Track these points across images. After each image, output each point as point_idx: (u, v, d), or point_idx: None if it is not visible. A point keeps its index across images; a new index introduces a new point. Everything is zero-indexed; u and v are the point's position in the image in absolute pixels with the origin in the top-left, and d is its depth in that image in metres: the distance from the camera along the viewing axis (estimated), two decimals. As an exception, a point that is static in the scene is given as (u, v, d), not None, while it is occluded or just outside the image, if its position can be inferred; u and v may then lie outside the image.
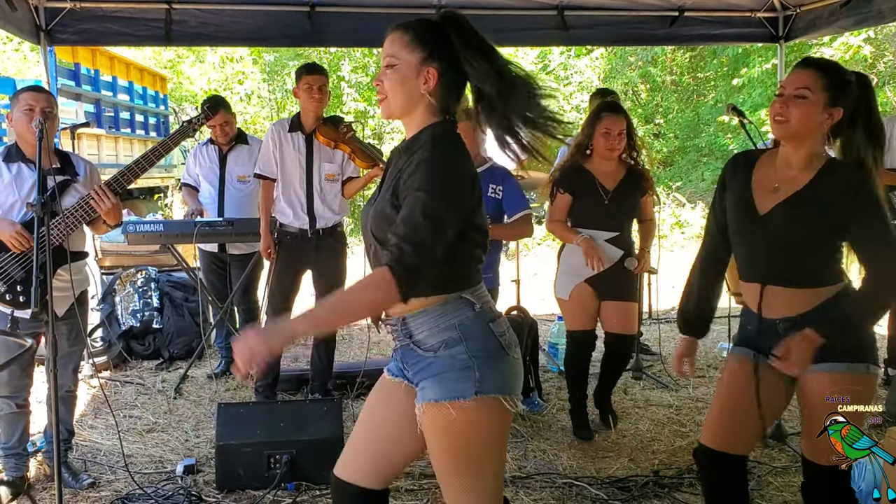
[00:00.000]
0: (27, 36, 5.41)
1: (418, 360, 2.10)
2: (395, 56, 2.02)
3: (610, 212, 4.12)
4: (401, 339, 2.13)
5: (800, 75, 2.38)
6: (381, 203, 2.04)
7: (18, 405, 3.66)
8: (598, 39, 7.52)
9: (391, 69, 2.03)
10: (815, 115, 2.35)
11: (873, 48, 12.47)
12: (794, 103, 2.35)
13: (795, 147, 2.42)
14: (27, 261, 3.44)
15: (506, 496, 2.31)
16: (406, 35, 2.03)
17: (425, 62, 2.02)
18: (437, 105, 2.05)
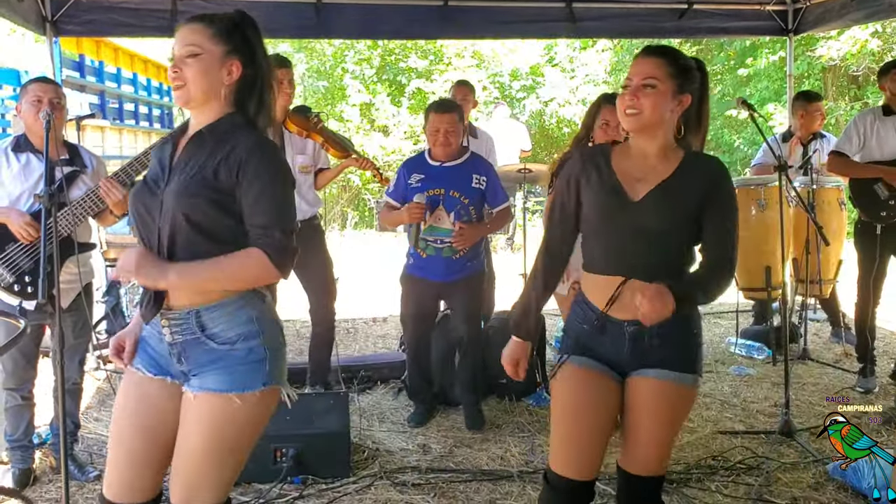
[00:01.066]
0: (33, 27, 5.40)
1: (206, 353, 2.11)
2: (199, 46, 2.08)
3: None
4: (186, 333, 2.11)
5: (644, 65, 2.30)
6: (195, 187, 2.05)
7: (23, 397, 3.66)
8: (607, 32, 7.50)
9: (194, 58, 2.07)
10: (664, 103, 2.28)
11: (881, 42, 12.39)
12: (643, 93, 2.27)
13: (650, 138, 2.33)
14: (35, 251, 3.44)
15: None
16: (210, 28, 2.10)
17: (229, 55, 2.10)
18: (234, 97, 2.14)
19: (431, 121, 4.18)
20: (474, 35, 8.50)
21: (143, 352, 2.23)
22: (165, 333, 2.14)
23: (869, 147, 4.71)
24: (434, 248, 4.22)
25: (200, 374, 2.11)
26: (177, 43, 2.10)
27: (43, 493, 3.64)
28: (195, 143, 2.12)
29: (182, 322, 2.11)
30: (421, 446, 4.18)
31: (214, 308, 2.09)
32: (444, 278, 4.27)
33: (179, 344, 2.13)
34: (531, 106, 15.10)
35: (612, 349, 2.39)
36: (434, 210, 4.17)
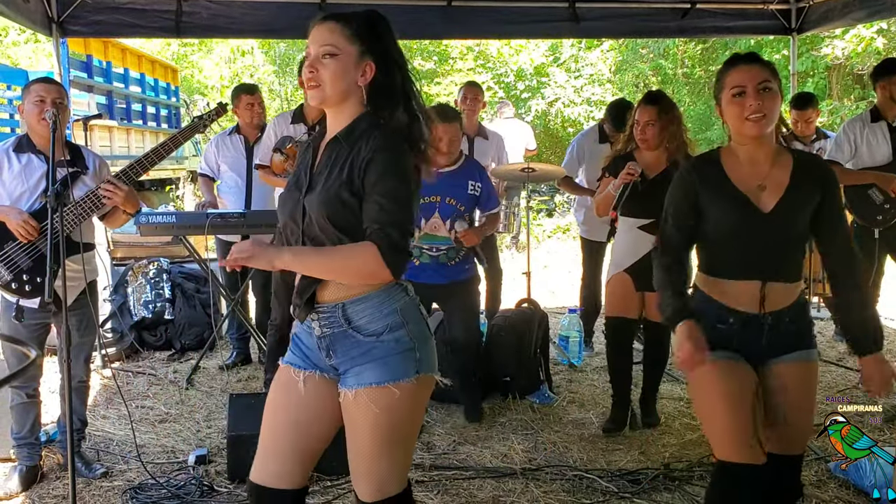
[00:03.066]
0: (39, 28, 5.43)
1: (355, 346, 2.14)
2: (336, 46, 2.08)
3: (643, 198, 4.10)
4: (334, 326, 2.15)
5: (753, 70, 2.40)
6: (335, 190, 2.07)
7: (29, 395, 3.68)
8: (610, 31, 7.51)
9: (332, 58, 2.07)
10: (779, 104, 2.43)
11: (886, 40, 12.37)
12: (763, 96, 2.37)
13: (763, 143, 2.42)
14: (34, 250, 3.46)
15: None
16: (347, 27, 2.09)
17: (364, 55, 2.10)
18: (367, 98, 2.14)
19: (434, 129, 4.09)
20: (478, 35, 8.53)
21: (295, 347, 2.28)
22: (315, 327, 2.18)
23: (860, 154, 4.74)
24: (429, 256, 4.21)
25: (353, 369, 2.15)
26: (312, 42, 2.10)
27: (50, 490, 3.67)
28: (332, 147, 2.14)
29: (329, 315, 2.15)
30: (424, 443, 4.20)
31: (359, 301, 2.13)
32: (439, 280, 4.24)
33: (328, 337, 2.17)
34: (536, 106, 15.10)
35: (749, 343, 2.49)
36: (430, 218, 4.14)
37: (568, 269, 9.25)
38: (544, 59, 15.62)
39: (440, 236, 4.17)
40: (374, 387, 2.11)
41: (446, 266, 4.23)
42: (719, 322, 2.51)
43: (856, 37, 11.94)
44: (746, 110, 2.36)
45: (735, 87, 2.38)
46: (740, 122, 2.39)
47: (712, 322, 2.51)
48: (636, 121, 4.10)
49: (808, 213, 2.45)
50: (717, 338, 2.49)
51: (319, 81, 2.08)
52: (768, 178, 2.43)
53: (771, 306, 2.46)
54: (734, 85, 2.39)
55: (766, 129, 2.39)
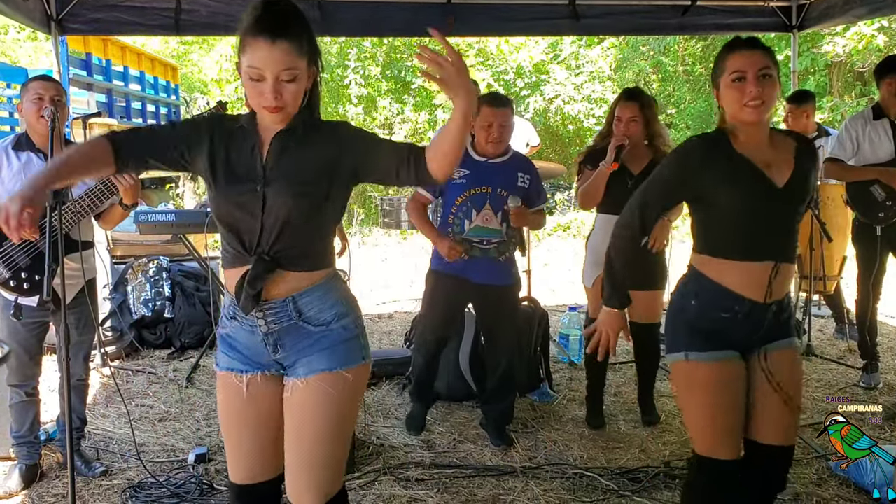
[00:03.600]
0: (38, 25, 5.42)
1: (305, 337, 2.17)
2: (296, 68, 2.03)
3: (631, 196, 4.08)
4: (283, 320, 2.16)
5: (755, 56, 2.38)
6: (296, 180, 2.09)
7: (28, 394, 3.68)
8: (610, 29, 7.51)
9: (295, 83, 2.03)
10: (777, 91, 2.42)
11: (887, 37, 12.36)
12: (763, 83, 2.35)
13: (763, 125, 2.43)
14: (32, 248, 3.46)
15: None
16: (297, 44, 2.02)
17: (310, 64, 2.09)
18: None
19: (485, 114, 3.91)
20: (477, 32, 8.51)
21: (231, 350, 2.25)
22: (260, 324, 2.17)
23: (862, 151, 4.72)
24: (480, 250, 3.98)
25: (303, 358, 2.17)
26: (267, 64, 2.00)
27: (50, 489, 3.67)
28: (282, 142, 2.13)
29: (278, 310, 2.15)
30: (425, 442, 4.20)
31: (308, 293, 2.16)
32: (484, 280, 4.03)
33: (276, 332, 2.17)
34: (535, 104, 15.09)
35: (748, 331, 2.47)
36: (481, 210, 3.96)
37: (568, 268, 9.24)
38: (544, 57, 15.60)
39: (492, 228, 3.97)
40: (327, 373, 2.14)
41: (496, 262, 4.02)
42: (724, 311, 2.46)
43: (857, 34, 11.93)
44: (746, 96, 2.35)
45: (735, 72, 2.37)
46: (739, 108, 2.38)
47: (717, 310, 2.47)
48: (617, 117, 4.09)
49: (811, 187, 2.50)
50: (717, 325, 2.47)
51: (284, 104, 2.04)
52: (773, 157, 2.43)
53: (776, 293, 2.45)
54: (734, 70, 2.37)
55: (764, 116, 2.39)
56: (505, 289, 4.11)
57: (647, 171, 4.06)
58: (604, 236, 4.18)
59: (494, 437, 4.18)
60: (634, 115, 4.04)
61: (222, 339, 2.28)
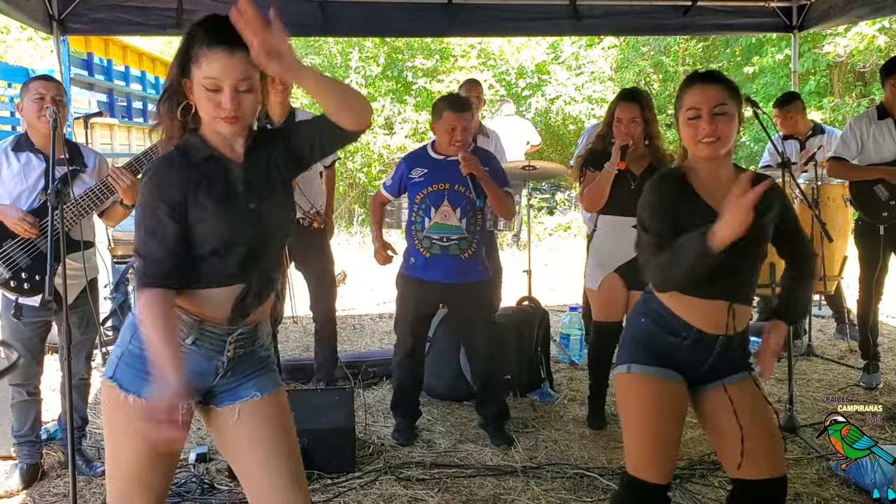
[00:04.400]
0: (40, 25, 5.43)
1: (256, 361, 2.24)
2: (252, 78, 2.02)
3: (636, 196, 4.08)
4: (247, 345, 2.21)
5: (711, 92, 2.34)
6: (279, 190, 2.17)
7: (29, 393, 3.69)
8: (611, 29, 7.51)
9: (251, 93, 2.02)
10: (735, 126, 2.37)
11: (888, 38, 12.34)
12: (718, 120, 2.32)
13: (723, 162, 2.40)
14: (32, 248, 3.46)
15: None
16: (248, 53, 1.94)
17: (262, 77, 2.07)
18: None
19: (447, 118, 3.99)
20: (478, 33, 8.52)
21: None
22: (229, 349, 2.17)
23: (867, 151, 4.73)
24: (440, 247, 4.03)
25: (249, 381, 2.21)
26: (224, 74, 1.98)
27: (51, 488, 3.67)
28: (252, 157, 2.14)
29: (247, 337, 2.20)
30: (425, 442, 4.20)
31: (264, 321, 2.26)
32: (450, 279, 4.06)
33: (237, 357, 2.20)
34: (537, 104, 15.09)
35: (693, 360, 2.44)
36: (439, 207, 4.04)
37: (568, 267, 9.24)
38: (545, 57, 15.59)
39: (451, 225, 4.01)
40: (276, 392, 2.24)
41: (459, 260, 4.04)
42: (671, 334, 2.44)
43: (858, 34, 11.91)
44: (699, 133, 2.34)
45: (690, 109, 2.35)
46: (693, 144, 2.37)
47: (664, 333, 2.46)
48: (618, 118, 4.07)
49: (770, 231, 2.44)
50: (663, 347, 2.46)
51: (242, 114, 2.02)
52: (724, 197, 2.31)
53: (729, 329, 2.41)
54: (690, 106, 2.36)
55: (719, 152, 2.35)
56: (472, 286, 4.12)
57: (649, 172, 4.09)
58: (606, 238, 4.22)
59: (493, 437, 4.18)
60: (635, 117, 4.04)
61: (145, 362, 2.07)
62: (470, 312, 4.19)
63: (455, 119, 3.97)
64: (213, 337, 2.15)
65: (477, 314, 4.19)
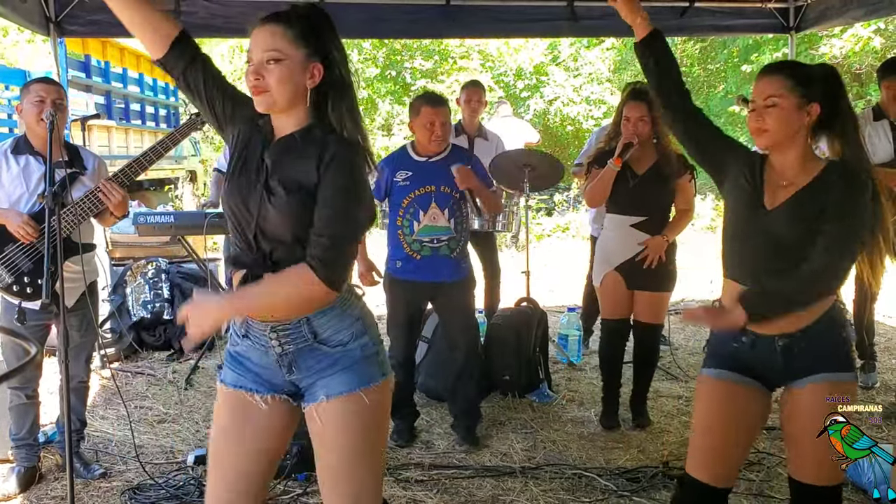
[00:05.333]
0: (37, 27, 5.42)
1: (322, 359, 2.11)
2: (280, 51, 1.99)
3: (636, 196, 4.09)
4: (298, 342, 2.10)
5: (765, 84, 2.34)
6: (282, 183, 2.03)
7: (28, 396, 3.68)
8: (608, 30, 7.49)
9: (277, 63, 1.99)
10: (789, 118, 2.31)
11: (884, 39, 12.38)
12: (767, 112, 2.32)
13: (783, 151, 2.38)
14: (34, 252, 3.46)
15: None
16: (290, 30, 2.00)
17: (311, 57, 2.02)
18: (316, 101, 2.07)
19: (425, 114, 4.01)
20: (476, 34, 8.52)
21: (241, 368, 2.18)
22: (274, 345, 2.11)
23: None
24: (430, 249, 4.04)
25: (320, 381, 2.11)
26: (255, 47, 2.01)
27: (49, 491, 3.67)
28: (286, 144, 2.07)
29: (292, 332, 2.10)
30: (424, 443, 4.20)
31: (322, 313, 2.09)
32: (439, 279, 4.08)
33: (290, 353, 2.12)
34: (535, 105, 15.11)
35: (763, 364, 2.42)
36: (427, 209, 4.03)
37: (567, 268, 9.23)
38: (543, 59, 15.62)
39: (440, 226, 4.03)
40: (346, 395, 2.09)
41: (447, 259, 4.06)
42: (734, 340, 2.44)
43: (854, 36, 11.95)
44: (750, 126, 2.38)
45: (751, 102, 2.37)
46: (752, 135, 2.40)
47: (729, 338, 2.45)
48: (626, 117, 4.08)
49: (814, 227, 2.31)
50: (732, 353, 2.45)
51: (266, 87, 2.00)
52: (792, 183, 2.37)
53: (775, 326, 2.34)
54: (751, 99, 2.38)
55: (768, 143, 2.36)
56: (455, 284, 4.14)
57: (652, 172, 4.09)
58: (609, 236, 4.24)
59: (460, 436, 4.21)
60: (643, 115, 4.04)
61: (232, 356, 2.21)
62: (455, 309, 4.24)
63: (433, 114, 4.00)
64: (256, 330, 2.14)
65: (459, 311, 4.23)
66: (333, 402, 2.09)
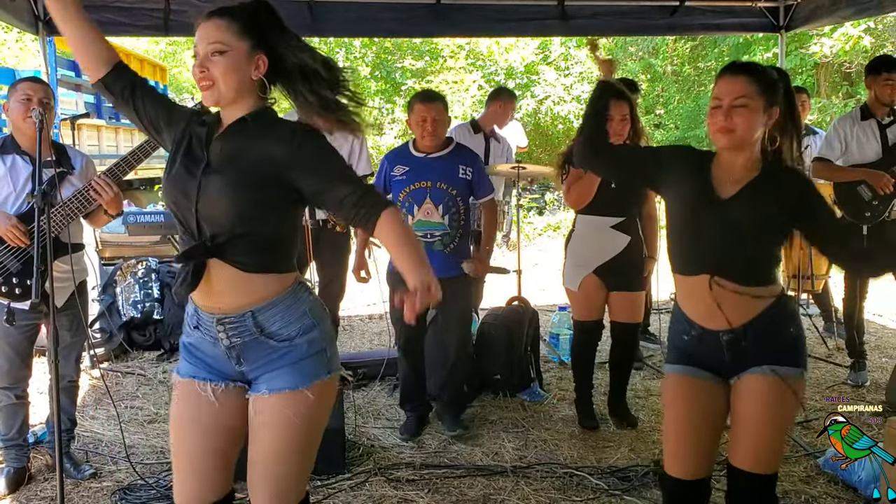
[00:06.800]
0: (26, 26, 5.40)
1: (269, 352, 2.11)
2: (225, 43, 2.03)
3: (615, 197, 4.09)
4: (244, 335, 2.10)
5: (734, 84, 2.36)
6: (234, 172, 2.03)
7: (17, 396, 3.66)
8: (599, 29, 7.49)
9: (222, 55, 2.03)
10: (756, 120, 2.35)
11: (873, 39, 12.43)
12: (735, 113, 2.34)
13: (739, 152, 2.40)
14: (22, 252, 3.44)
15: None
16: (234, 23, 2.05)
17: (255, 49, 2.06)
18: (262, 91, 2.11)
19: (417, 110, 4.07)
20: (467, 33, 8.52)
21: (193, 358, 2.20)
22: (222, 338, 2.12)
23: (850, 151, 4.77)
24: (424, 243, 4.03)
25: (265, 374, 2.12)
26: (200, 40, 2.05)
27: (38, 492, 3.65)
28: (236, 129, 2.09)
29: (238, 324, 2.10)
30: (415, 442, 4.20)
31: (268, 307, 2.09)
32: (436, 273, 4.11)
33: (238, 346, 2.12)
34: (526, 105, 15.12)
35: (712, 357, 2.45)
36: (422, 204, 4.06)
37: (558, 267, 9.25)
38: (534, 58, 15.63)
39: (434, 222, 4.06)
40: (289, 392, 2.09)
41: (442, 254, 4.07)
42: (684, 333, 2.50)
43: (843, 35, 11.99)
44: (715, 124, 2.37)
45: (714, 99, 2.39)
46: (712, 133, 2.41)
47: (680, 331, 2.52)
48: (609, 116, 3.98)
49: (770, 214, 2.37)
50: (687, 348, 2.50)
51: (212, 79, 2.03)
52: (740, 178, 2.41)
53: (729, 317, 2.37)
54: (714, 96, 2.39)
55: (732, 143, 2.37)
56: (450, 280, 4.05)
57: None
58: (584, 238, 4.23)
59: (449, 425, 4.26)
60: (625, 115, 4.03)
61: (185, 347, 2.23)
62: (448, 305, 4.18)
63: (424, 109, 4.05)
64: (206, 322, 2.15)
65: (454, 307, 4.22)
66: (274, 396, 2.10)
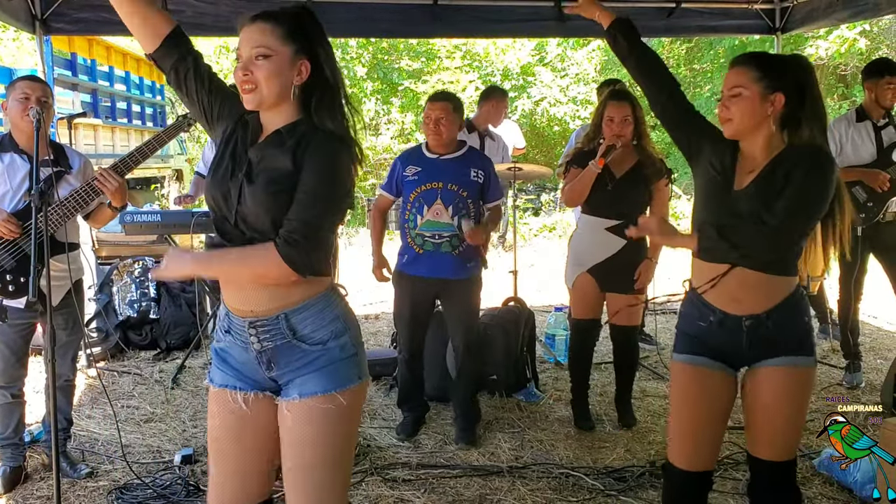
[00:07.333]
0: (23, 25, 5.39)
1: (300, 356, 2.10)
2: (269, 47, 2.03)
3: (613, 198, 4.10)
4: (277, 338, 2.10)
5: (730, 75, 2.41)
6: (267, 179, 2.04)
7: (13, 395, 3.66)
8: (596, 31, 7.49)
9: (266, 59, 2.03)
10: (754, 107, 2.37)
11: (869, 41, 12.46)
12: (731, 102, 2.38)
13: (750, 139, 2.44)
14: (16, 250, 3.44)
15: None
16: (279, 27, 2.04)
17: (298, 54, 2.06)
18: (303, 98, 2.10)
19: (425, 110, 4.12)
20: (464, 34, 8.53)
21: (225, 365, 2.20)
22: (253, 342, 2.11)
23: (845, 153, 4.79)
24: (432, 244, 4.05)
25: (296, 379, 2.11)
26: (244, 43, 2.05)
27: (34, 491, 3.65)
28: (273, 140, 2.08)
29: (270, 327, 2.09)
30: (412, 442, 4.20)
31: (301, 310, 2.09)
32: (443, 275, 4.10)
33: (269, 350, 2.11)
34: (522, 105, 15.13)
35: (729, 344, 2.47)
36: (432, 205, 4.05)
37: (554, 268, 9.26)
38: (530, 59, 15.65)
39: (443, 223, 4.03)
40: (320, 395, 2.08)
41: (450, 256, 4.06)
42: (700, 319, 2.52)
43: (839, 37, 12.03)
44: (718, 115, 2.44)
45: (723, 91, 2.44)
46: (720, 123, 2.46)
47: (696, 317, 2.53)
48: (609, 118, 4.04)
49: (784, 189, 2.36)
50: (700, 335, 2.51)
51: (255, 83, 2.03)
52: (756, 164, 2.44)
53: (746, 304, 2.42)
54: (722, 88, 2.44)
55: (733, 132, 2.42)
56: (457, 283, 4.16)
57: (630, 174, 4.10)
58: (582, 237, 4.25)
59: (457, 435, 4.24)
60: (627, 115, 4.04)
61: (216, 353, 2.22)
62: (456, 308, 4.25)
63: (430, 109, 4.09)
64: (237, 326, 2.15)
65: (461, 310, 4.23)
66: (306, 400, 2.08)
